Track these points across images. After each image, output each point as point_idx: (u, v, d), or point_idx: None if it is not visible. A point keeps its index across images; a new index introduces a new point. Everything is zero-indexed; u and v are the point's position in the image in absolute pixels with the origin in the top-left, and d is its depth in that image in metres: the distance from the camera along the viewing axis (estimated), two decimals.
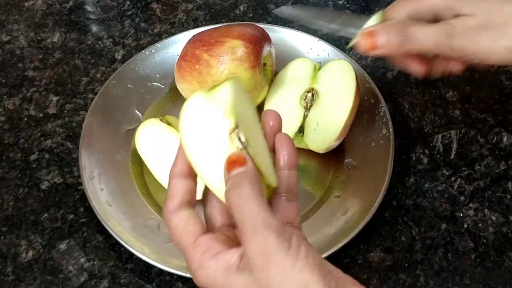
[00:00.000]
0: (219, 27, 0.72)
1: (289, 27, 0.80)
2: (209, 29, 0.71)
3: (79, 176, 0.68)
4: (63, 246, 0.65)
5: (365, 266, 0.63)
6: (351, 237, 0.62)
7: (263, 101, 0.71)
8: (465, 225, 0.66)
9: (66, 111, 0.75)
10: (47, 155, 0.72)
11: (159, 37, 0.82)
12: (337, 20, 0.60)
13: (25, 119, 0.75)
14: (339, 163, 0.70)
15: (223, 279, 0.45)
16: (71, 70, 0.79)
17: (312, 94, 0.69)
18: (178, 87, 0.72)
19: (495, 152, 0.71)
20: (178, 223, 0.47)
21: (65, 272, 0.63)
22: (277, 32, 0.77)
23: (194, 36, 0.71)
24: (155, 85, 0.76)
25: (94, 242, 0.65)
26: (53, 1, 0.86)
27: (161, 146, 0.67)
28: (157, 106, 0.74)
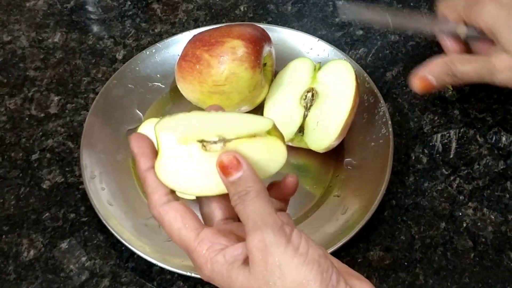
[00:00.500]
0: (219, 27, 0.72)
1: (289, 27, 0.80)
2: (210, 29, 0.71)
3: (80, 175, 0.68)
4: (64, 245, 0.65)
5: (364, 265, 0.64)
6: (351, 236, 0.62)
7: (263, 101, 0.72)
8: (464, 224, 0.66)
9: (67, 111, 0.75)
10: (48, 155, 0.72)
11: (160, 37, 0.82)
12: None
13: (27, 118, 0.75)
14: (339, 162, 0.70)
15: (227, 274, 0.45)
16: (72, 70, 0.79)
17: (312, 94, 0.69)
18: (178, 87, 0.72)
19: (494, 152, 0.71)
20: (174, 218, 0.47)
21: (66, 271, 0.64)
22: (277, 32, 0.77)
23: (194, 36, 0.71)
24: (155, 85, 0.76)
25: (95, 241, 0.66)
26: (54, 1, 0.86)
27: None
28: (157, 106, 0.74)
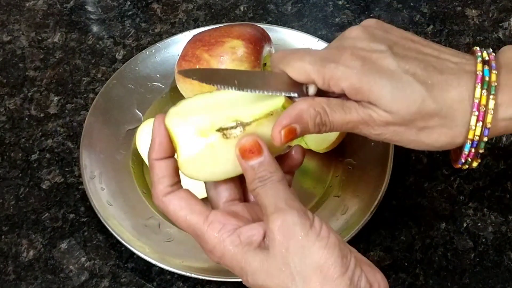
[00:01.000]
0: (219, 27, 0.72)
1: (289, 27, 0.80)
2: (209, 29, 0.71)
3: (80, 175, 0.68)
4: (64, 245, 0.65)
5: None
6: (351, 236, 0.62)
7: None
8: (464, 225, 0.66)
9: (67, 111, 0.75)
10: (48, 155, 0.72)
11: (160, 37, 0.82)
12: None
13: (26, 119, 0.75)
14: (339, 162, 0.70)
15: (242, 255, 0.44)
16: (72, 70, 0.79)
17: None
18: (178, 87, 0.72)
19: (494, 152, 0.71)
20: (179, 205, 0.47)
21: (66, 271, 0.64)
22: (277, 32, 0.77)
23: (194, 36, 0.71)
24: (155, 85, 0.76)
25: (95, 242, 0.65)
26: (54, 1, 0.86)
27: None
28: (157, 106, 0.74)
